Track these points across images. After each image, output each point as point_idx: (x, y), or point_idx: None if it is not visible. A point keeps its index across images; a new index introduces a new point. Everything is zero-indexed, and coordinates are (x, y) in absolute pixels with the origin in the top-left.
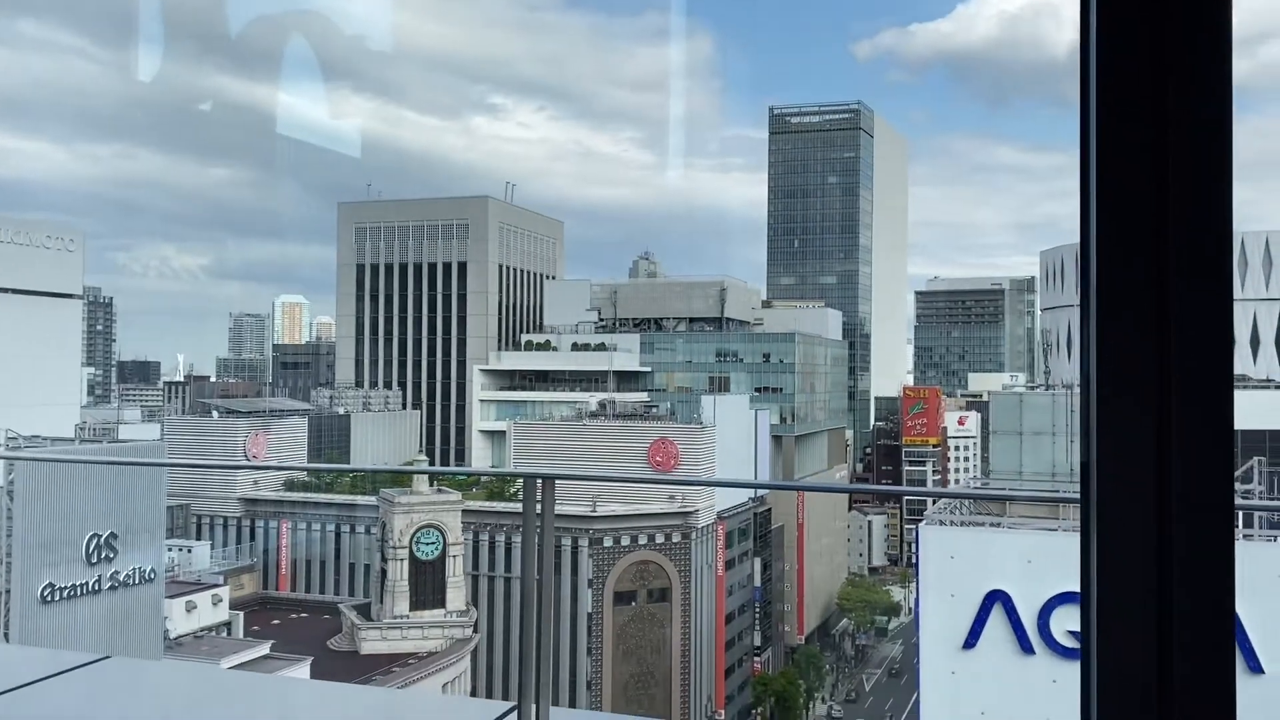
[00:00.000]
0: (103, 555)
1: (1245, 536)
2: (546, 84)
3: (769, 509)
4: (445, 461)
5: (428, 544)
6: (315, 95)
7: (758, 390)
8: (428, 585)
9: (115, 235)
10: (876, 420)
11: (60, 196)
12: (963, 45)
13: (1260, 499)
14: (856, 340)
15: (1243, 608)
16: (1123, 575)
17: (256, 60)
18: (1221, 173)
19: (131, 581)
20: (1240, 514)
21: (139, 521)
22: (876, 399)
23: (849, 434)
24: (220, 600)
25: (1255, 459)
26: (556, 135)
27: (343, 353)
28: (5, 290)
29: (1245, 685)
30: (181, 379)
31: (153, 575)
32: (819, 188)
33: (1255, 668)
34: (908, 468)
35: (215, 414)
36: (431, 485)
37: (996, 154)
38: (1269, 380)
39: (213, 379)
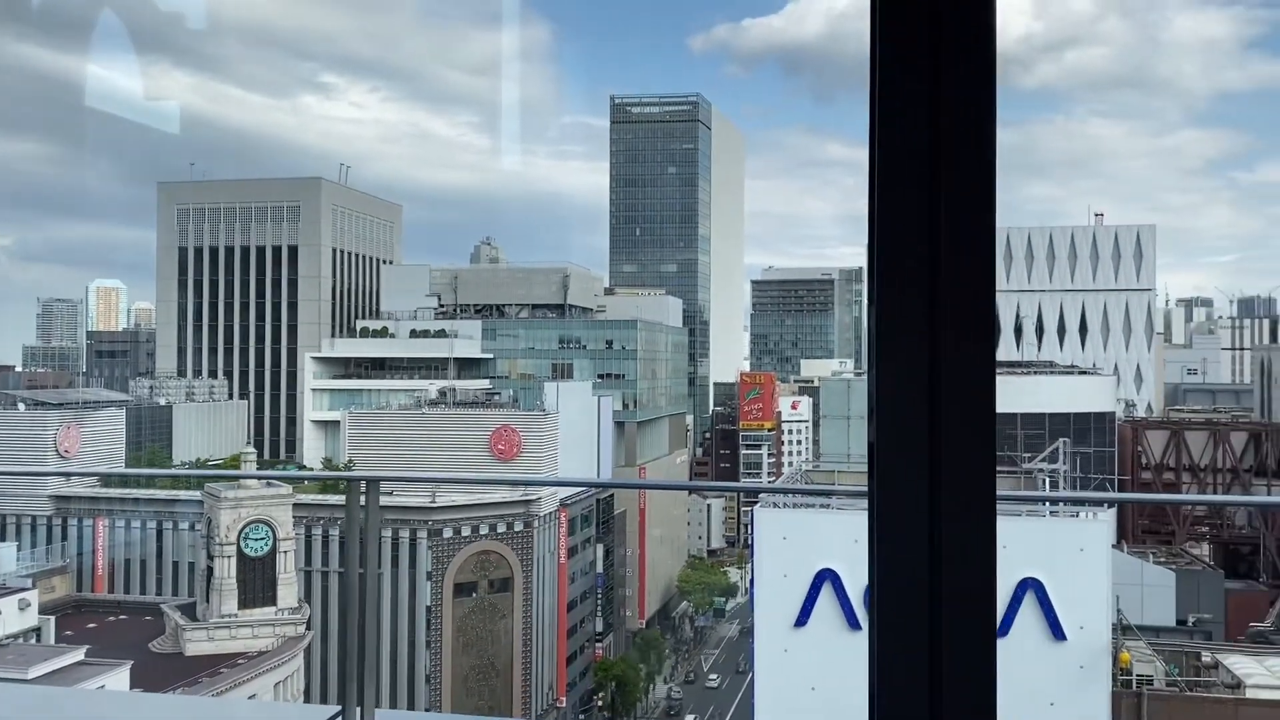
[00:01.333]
0: None
1: (1051, 513)
2: (379, 64)
3: (611, 495)
4: (275, 453)
5: (257, 540)
6: (129, 69)
7: (600, 377)
8: (257, 582)
9: None
10: (715, 406)
11: None
12: (793, 41)
13: (1065, 477)
14: (696, 327)
15: (1047, 580)
16: (899, 548)
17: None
18: (986, 184)
19: None
20: (1047, 488)
21: None
22: (715, 385)
23: (689, 419)
24: (28, 605)
25: (1061, 440)
26: (391, 117)
27: (164, 340)
28: None
29: (1047, 652)
30: None
31: None
32: (659, 177)
33: (1059, 635)
34: (745, 451)
35: (21, 405)
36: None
37: (826, 149)
38: (1073, 366)
39: (18, 368)
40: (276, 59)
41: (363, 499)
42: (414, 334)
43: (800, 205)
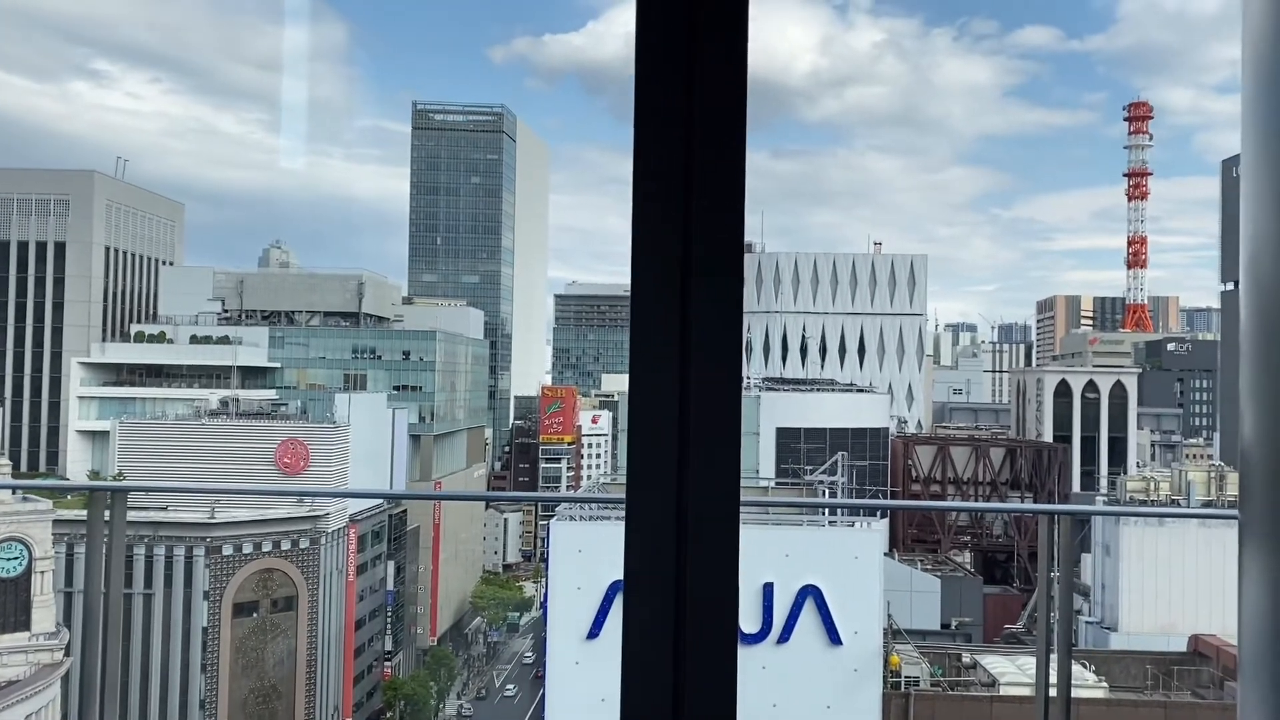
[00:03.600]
0: None
1: (830, 523)
2: (160, 53)
3: (404, 510)
4: (34, 464)
5: (9, 559)
6: None
7: (396, 388)
8: (9, 606)
9: None
10: (515, 419)
11: None
12: (592, 59)
13: (843, 488)
14: (498, 340)
15: (825, 586)
16: (649, 555)
17: None
18: (734, 193)
19: None
20: (824, 496)
21: None
22: (516, 398)
23: (488, 433)
24: None
25: (840, 454)
26: (173, 110)
27: None
28: None
29: (825, 657)
30: None
31: None
32: (462, 186)
33: (835, 640)
34: (544, 465)
35: None
36: (15, 493)
37: (627, 166)
38: (852, 385)
39: None
40: (42, 40)
41: (107, 513)
42: (195, 340)
43: (603, 221)
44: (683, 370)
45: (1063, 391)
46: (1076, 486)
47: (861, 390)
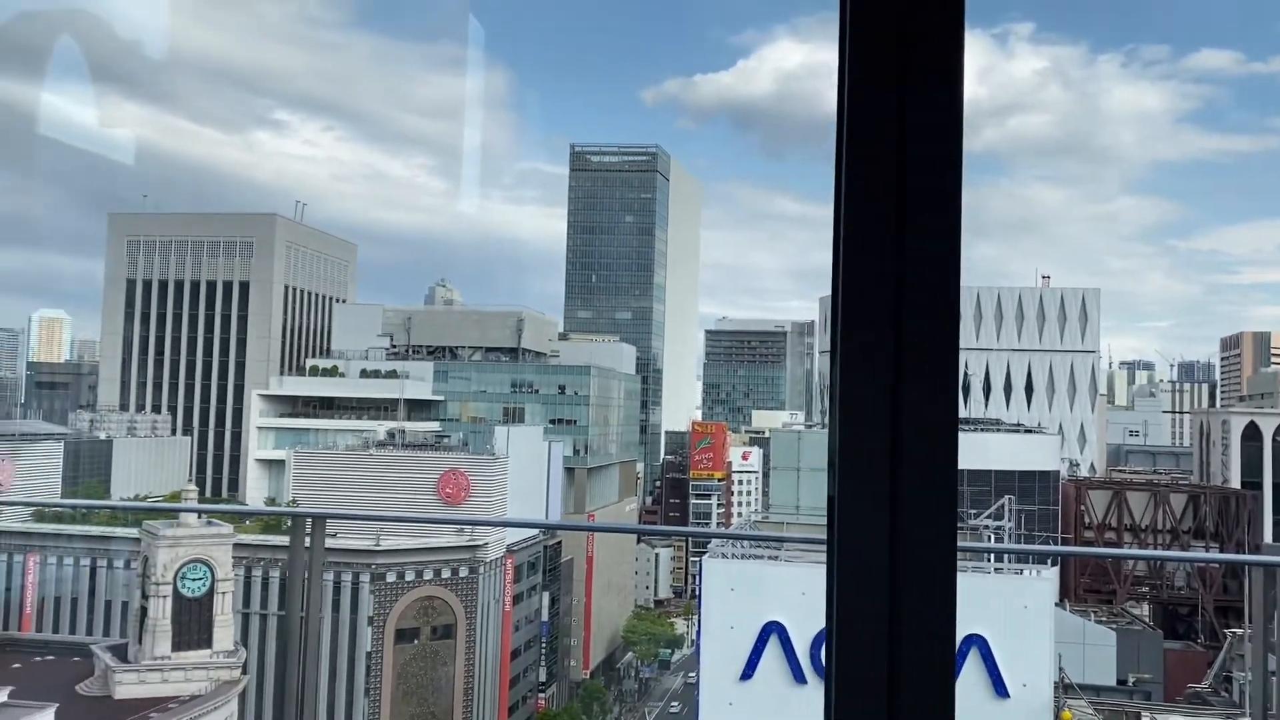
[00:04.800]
0: None
1: (996, 570)
2: (333, 103)
3: (559, 542)
4: (217, 491)
5: (194, 580)
6: (83, 97)
7: (552, 422)
8: (193, 624)
9: None
10: (666, 454)
11: None
12: (743, 98)
13: (1010, 534)
14: (649, 375)
15: (992, 637)
16: (859, 601)
17: (17, 56)
18: (951, 233)
19: None
20: (989, 542)
21: None
22: (667, 433)
23: (640, 467)
24: None
25: (1006, 497)
26: (345, 156)
27: (107, 373)
28: None
29: (991, 710)
30: None
31: None
32: (617, 225)
33: (1002, 693)
34: (694, 501)
35: None
36: (200, 517)
37: (777, 203)
38: (1019, 425)
39: None
40: (230, 94)
41: (307, 539)
42: (364, 374)
43: (751, 258)
44: (895, 417)
45: (1251, 434)
46: (1268, 536)
47: (1030, 431)
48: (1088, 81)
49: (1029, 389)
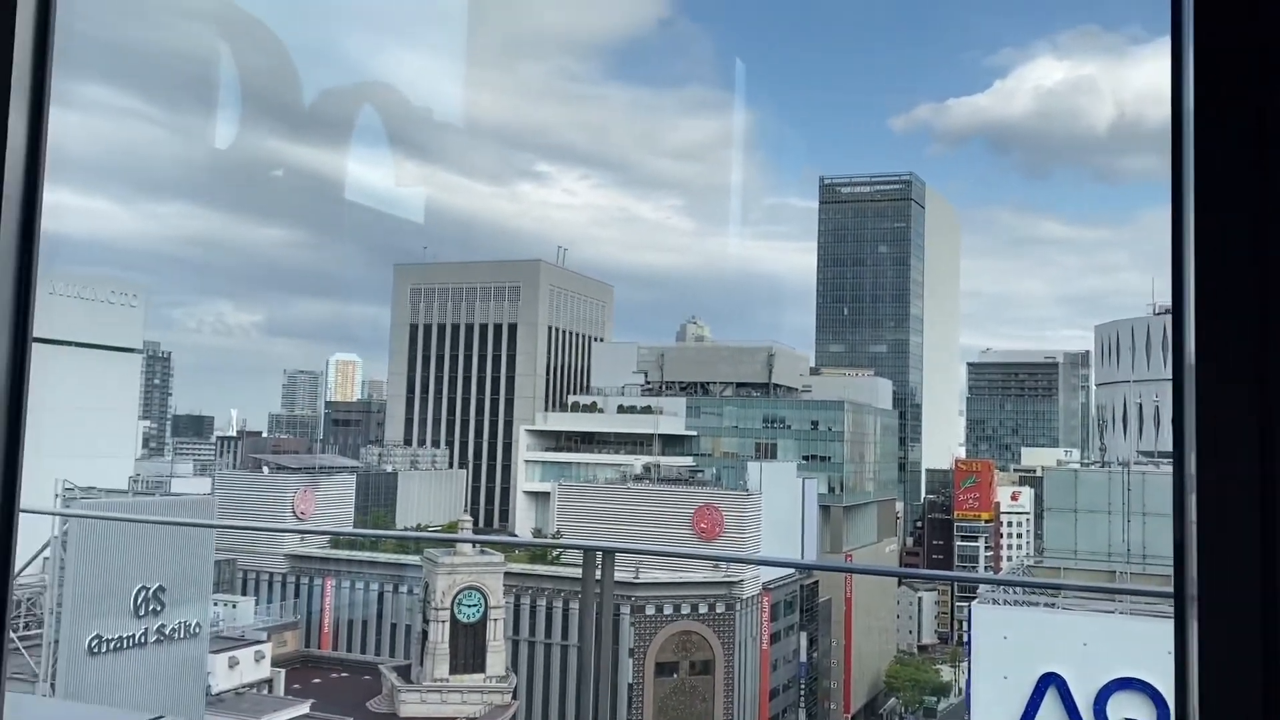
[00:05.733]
0: (150, 608)
1: None
2: (588, 152)
3: (816, 582)
4: (489, 521)
5: (469, 606)
6: (377, 160)
7: (805, 458)
8: (468, 649)
9: (173, 292)
10: (928, 493)
11: (121, 254)
12: (1000, 119)
13: None
14: (907, 410)
15: None
16: (1226, 667)
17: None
18: None
19: (177, 635)
20: None
21: (187, 575)
22: (928, 471)
23: (899, 506)
24: (263, 657)
25: None
26: (600, 201)
27: (393, 411)
28: (70, 344)
29: None
30: (234, 434)
31: (198, 630)
32: (869, 256)
33: None
34: (960, 543)
35: (266, 469)
36: (474, 546)
37: (1040, 226)
38: None
39: (265, 434)
40: (497, 150)
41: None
42: (621, 409)
43: (1016, 285)
44: (1265, 440)
45: None
46: None
47: None
48: None
49: None
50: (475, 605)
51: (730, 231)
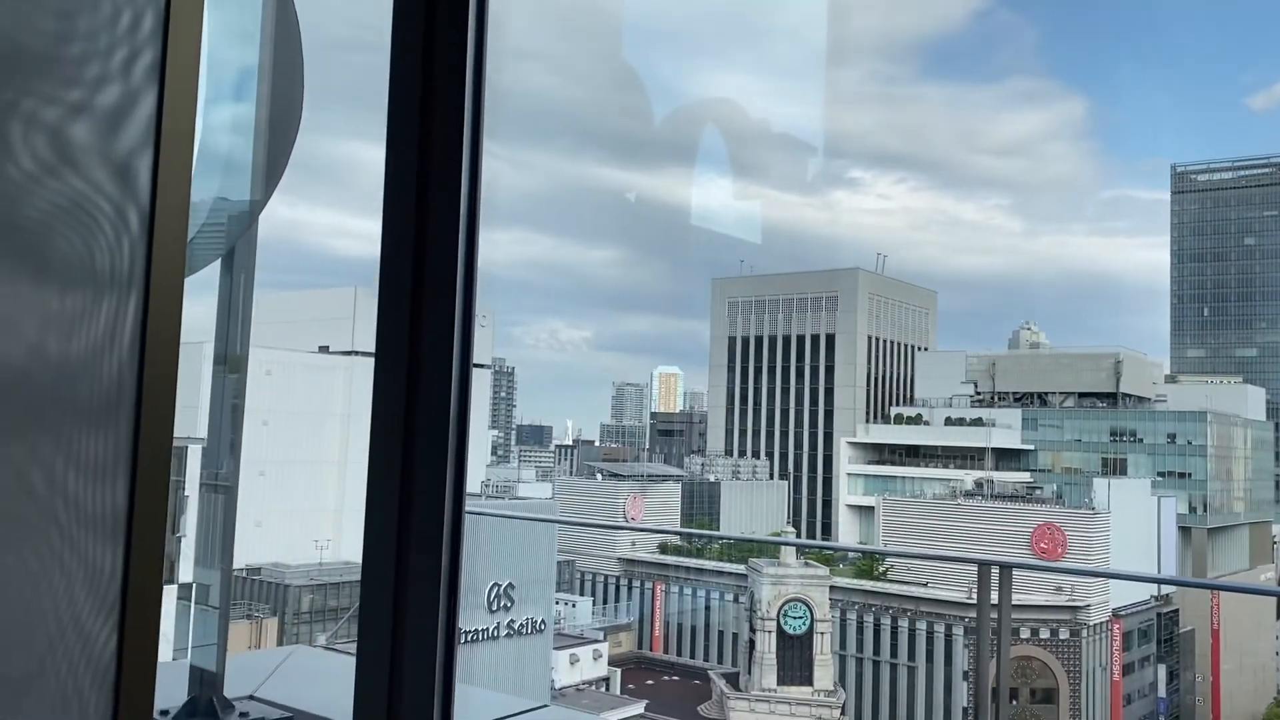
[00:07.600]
0: (501, 604)
1: None
2: (904, 155)
3: (1175, 609)
4: (810, 534)
5: (796, 618)
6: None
7: (1161, 474)
8: (795, 660)
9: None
10: None
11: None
12: None
13: None
14: None
15: None
16: None
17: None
18: None
19: (524, 631)
20: None
21: (533, 574)
22: None
23: (1276, 529)
24: (600, 655)
25: None
26: (917, 205)
27: (714, 422)
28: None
29: None
30: (570, 442)
31: (543, 626)
32: (1234, 250)
33: None
34: None
35: (599, 476)
36: (799, 558)
37: None
38: None
39: (597, 443)
40: (807, 161)
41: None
42: (949, 421)
43: None
44: None
45: None
46: None
47: None
48: None
49: None
50: (801, 617)
51: (1063, 229)
